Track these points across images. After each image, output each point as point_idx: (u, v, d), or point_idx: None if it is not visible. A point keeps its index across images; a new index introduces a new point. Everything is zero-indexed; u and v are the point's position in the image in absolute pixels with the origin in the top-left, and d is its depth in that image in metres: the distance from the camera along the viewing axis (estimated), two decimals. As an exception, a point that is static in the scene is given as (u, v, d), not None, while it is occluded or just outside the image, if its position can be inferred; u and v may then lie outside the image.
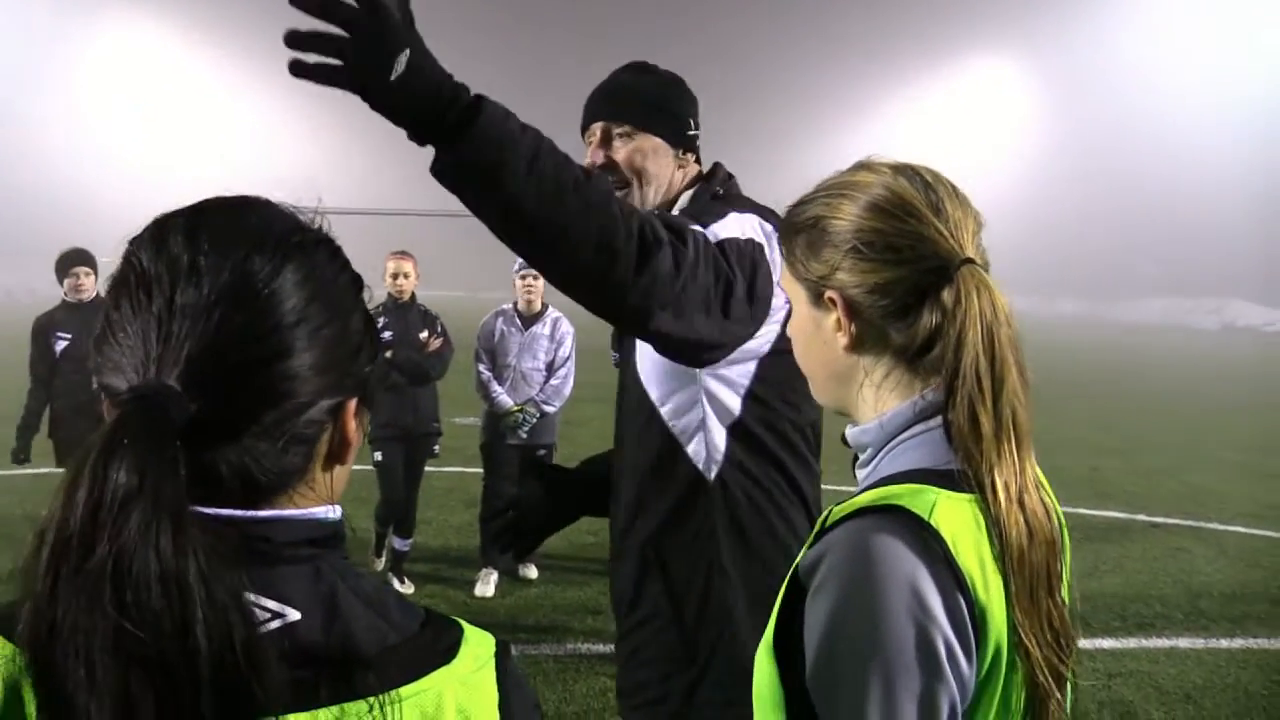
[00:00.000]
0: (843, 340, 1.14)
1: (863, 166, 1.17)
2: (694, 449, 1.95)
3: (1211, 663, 5.27)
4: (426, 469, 6.43)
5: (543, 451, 6.32)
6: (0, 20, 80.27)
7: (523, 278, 6.26)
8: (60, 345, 5.89)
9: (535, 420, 6.15)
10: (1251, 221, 63.73)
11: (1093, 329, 46.49)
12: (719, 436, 1.94)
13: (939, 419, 1.09)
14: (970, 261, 1.08)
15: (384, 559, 6.34)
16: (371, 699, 0.75)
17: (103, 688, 0.63)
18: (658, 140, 2.11)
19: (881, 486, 1.07)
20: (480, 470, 6.42)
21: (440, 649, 0.81)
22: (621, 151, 2.09)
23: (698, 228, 1.75)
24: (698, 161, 2.19)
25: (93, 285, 6.00)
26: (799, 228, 1.19)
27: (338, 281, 0.82)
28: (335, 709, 0.74)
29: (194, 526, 0.68)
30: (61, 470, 3.43)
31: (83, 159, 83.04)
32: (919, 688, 0.96)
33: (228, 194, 0.83)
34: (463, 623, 0.85)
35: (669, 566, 1.99)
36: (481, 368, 6.23)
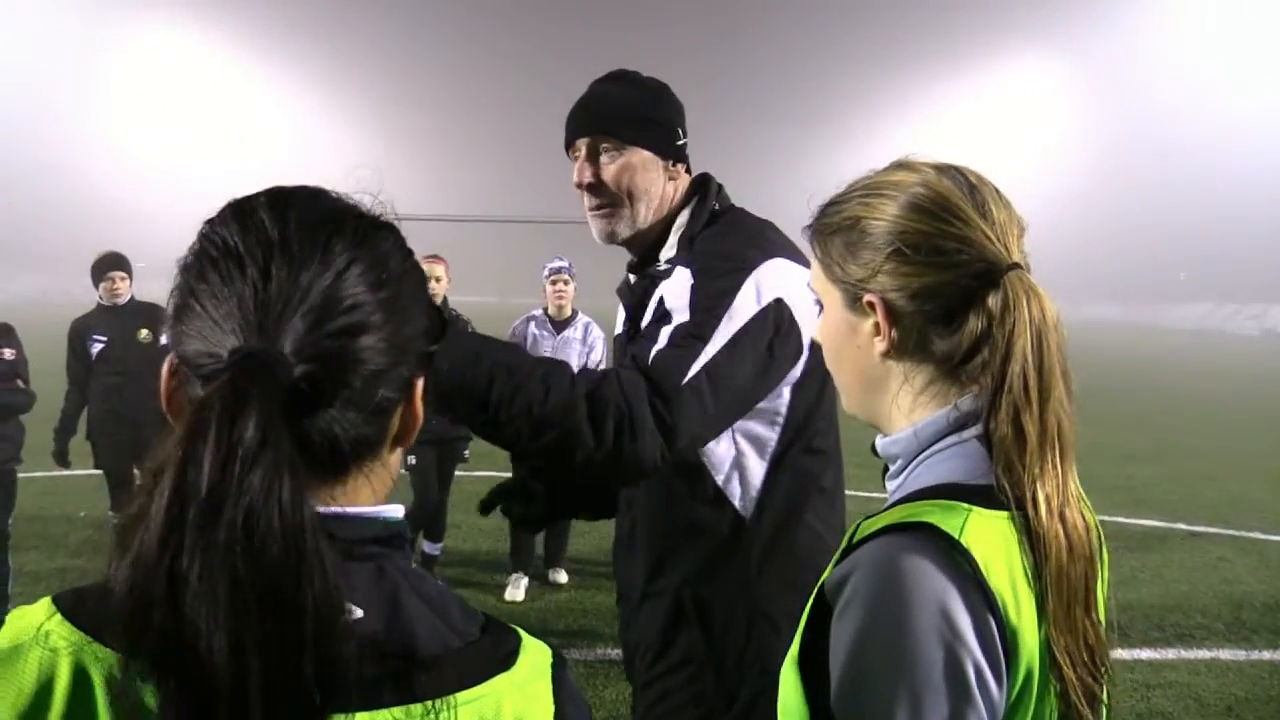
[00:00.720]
0: (880, 346, 1.11)
1: (901, 166, 1.13)
2: (731, 488, 1.90)
3: (1254, 674, 5.17)
4: (457, 474, 6.45)
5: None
6: (38, 30, 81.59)
7: (553, 282, 6.27)
8: (96, 348, 5.97)
9: None
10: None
11: (1130, 334, 45.91)
12: (757, 471, 1.89)
13: (973, 430, 1.06)
14: (1017, 266, 1.05)
15: (415, 564, 6.35)
16: (430, 702, 0.75)
17: (225, 646, 0.64)
18: (645, 154, 2.03)
19: (912, 502, 1.04)
20: (510, 474, 6.41)
21: (500, 655, 0.81)
22: (610, 169, 2.01)
23: (693, 367, 1.71)
24: (688, 171, 2.12)
25: (128, 289, 6.07)
26: (835, 228, 1.15)
27: (405, 263, 0.85)
28: (399, 710, 0.74)
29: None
30: (98, 471, 3.46)
31: (118, 167, 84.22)
32: (947, 711, 0.94)
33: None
34: (521, 631, 0.86)
35: (708, 611, 1.92)
36: (511, 371, 6.22)
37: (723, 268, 1.86)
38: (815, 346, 1.66)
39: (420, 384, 0.85)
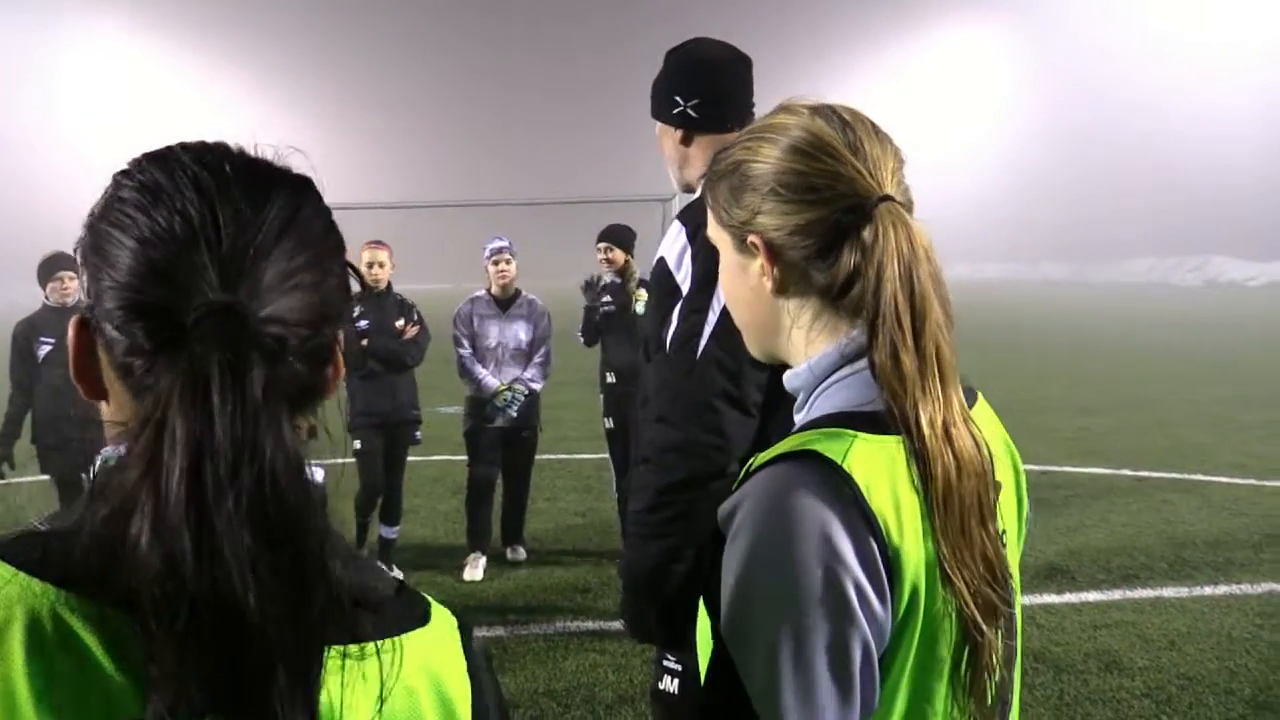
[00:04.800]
0: (768, 285, 1.14)
1: (782, 109, 1.16)
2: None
3: (1195, 610, 5.32)
4: (414, 458, 6.43)
5: (528, 433, 6.35)
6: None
7: (495, 262, 6.26)
8: (44, 350, 5.83)
9: (524, 399, 6.17)
10: (1236, 175, 63.77)
11: (1079, 290, 46.62)
12: None
13: (864, 360, 1.09)
14: (889, 199, 1.08)
15: (366, 549, 6.35)
16: (379, 642, 0.76)
17: (256, 594, 0.65)
18: (660, 124, 2.29)
19: (803, 431, 1.07)
20: (465, 457, 6.43)
21: (416, 613, 0.83)
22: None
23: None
24: (714, 130, 2.20)
25: (76, 289, 5.95)
26: (721, 174, 1.18)
27: (327, 218, 0.84)
28: (354, 647, 0.75)
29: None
30: (45, 477, 3.36)
31: (60, 171, 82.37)
32: (830, 630, 0.97)
33: None
34: (428, 596, 0.87)
35: None
36: (462, 351, 6.23)
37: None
38: None
39: (340, 340, 0.85)
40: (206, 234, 0.73)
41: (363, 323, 5.98)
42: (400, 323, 6.05)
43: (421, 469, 8.43)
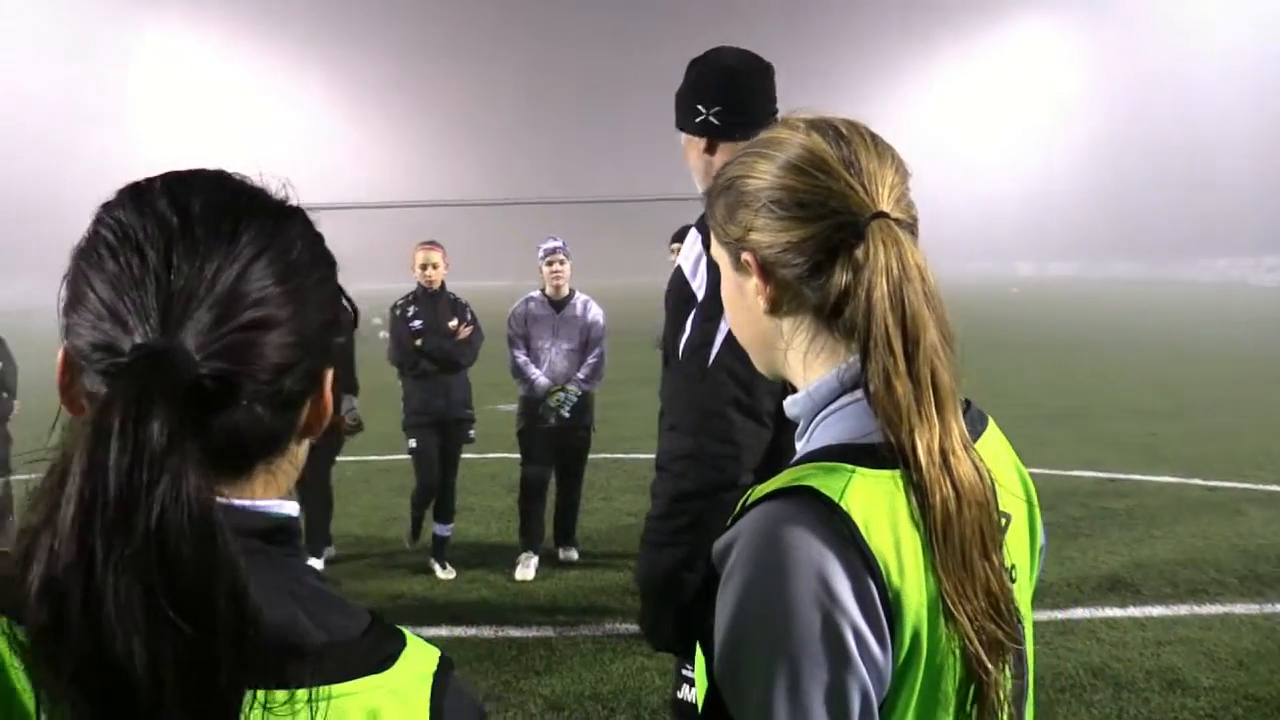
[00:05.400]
0: (762, 304, 1.11)
1: (780, 123, 1.13)
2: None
3: (1266, 628, 5.14)
4: (469, 456, 6.49)
5: (582, 433, 6.36)
6: (43, 34, 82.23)
7: (549, 263, 6.27)
8: None
9: (576, 400, 6.18)
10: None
11: (1149, 289, 45.47)
12: None
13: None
14: (883, 216, 1.03)
15: (418, 541, 6.42)
16: (293, 691, 0.72)
17: (145, 657, 0.63)
18: (684, 135, 2.30)
19: (799, 465, 1.03)
20: (520, 456, 6.46)
21: (376, 658, 0.79)
22: None
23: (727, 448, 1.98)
24: (735, 138, 2.19)
25: None
26: (718, 191, 1.15)
27: (314, 249, 0.83)
28: (262, 693, 0.72)
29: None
30: None
31: (120, 168, 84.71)
32: (827, 677, 0.93)
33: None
34: (410, 636, 0.83)
35: None
36: (517, 352, 6.26)
37: None
38: None
39: (329, 375, 0.84)
40: (158, 274, 0.73)
41: (416, 322, 6.05)
42: (454, 323, 6.10)
43: (477, 466, 8.49)
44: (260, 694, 0.71)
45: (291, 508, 0.83)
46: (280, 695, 0.72)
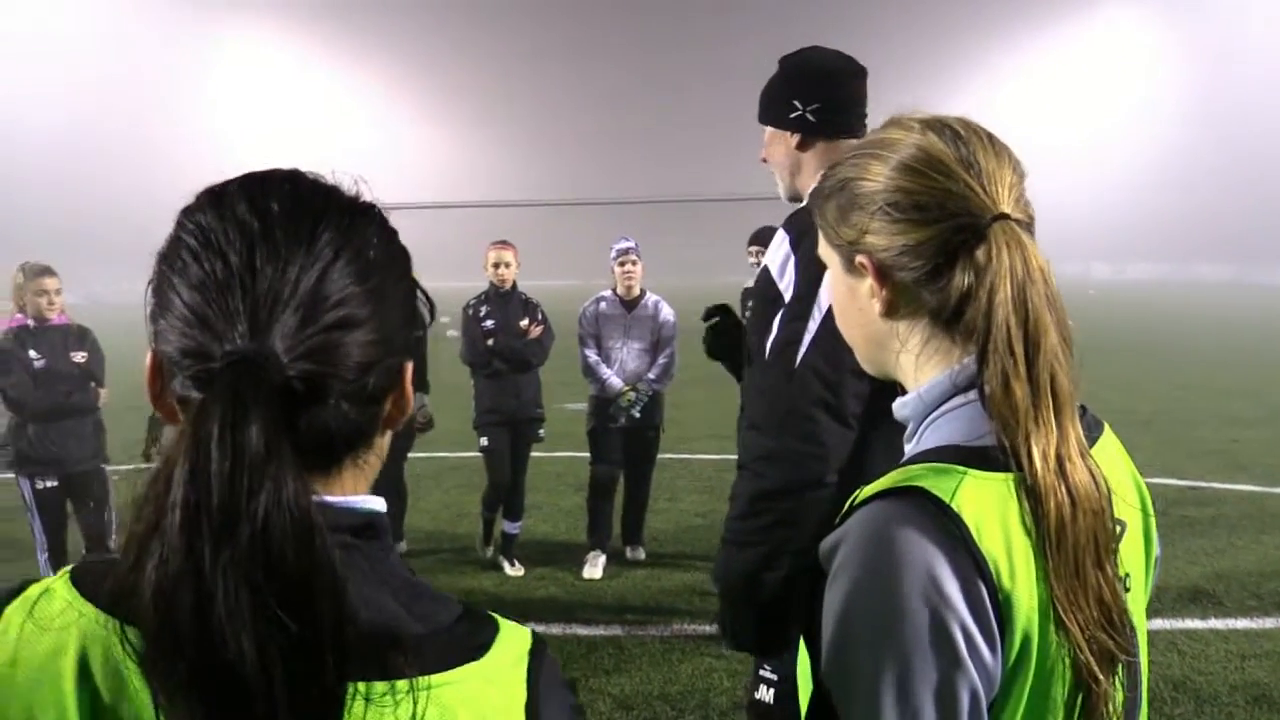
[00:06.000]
0: (877, 306, 1.10)
1: (893, 123, 1.12)
2: None
3: (1358, 644, 4.96)
4: (538, 454, 6.55)
5: (652, 433, 6.38)
6: (135, 30, 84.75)
7: (620, 263, 6.30)
8: None
9: (647, 400, 6.20)
10: None
11: (1234, 293, 44.03)
12: None
13: (977, 389, 1.04)
14: (1004, 217, 1.02)
15: (492, 545, 6.49)
16: (393, 683, 0.74)
17: (255, 656, 0.65)
18: (770, 129, 2.29)
19: (911, 465, 1.03)
20: (589, 455, 6.50)
21: (471, 645, 0.80)
22: (765, 146, 2.33)
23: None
24: (831, 136, 2.22)
25: None
26: (829, 192, 1.15)
27: (390, 247, 0.84)
28: (362, 685, 0.73)
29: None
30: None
31: (218, 162, 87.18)
32: (936, 677, 0.92)
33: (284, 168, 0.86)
34: (501, 620, 0.85)
35: None
36: (588, 352, 6.30)
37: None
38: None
39: (409, 369, 0.85)
40: (243, 278, 0.75)
41: (489, 322, 6.12)
42: (525, 322, 6.17)
43: (546, 465, 8.55)
44: (362, 686, 0.73)
45: (379, 503, 0.84)
46: (380, 686, 0.73)
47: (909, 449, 1.12)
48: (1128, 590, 1.06)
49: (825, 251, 1.18)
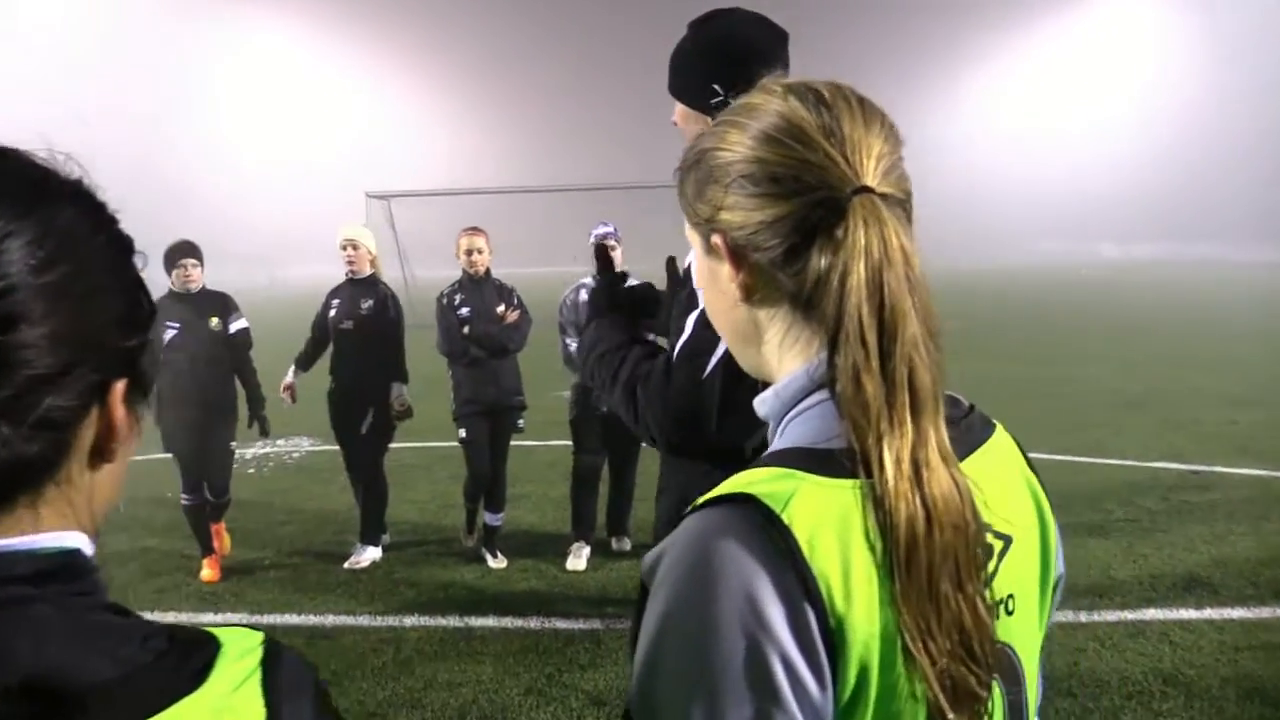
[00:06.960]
0: (735, 291, 0.98)
1: (758, 89, 0.99)
2: None
3: (1357, 633, 4.83)
4: (530, 443, 6.43)
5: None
6: (145, 28, 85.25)
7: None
8: (169, 335, 6.09)
9: None
10: None
11: (1236, 273, 43.72)
12: None
13: None
14: (866, 190, 0.90)
15: (476, 535, 6.39)
16: None
17: None
18: (682, 107, 2.12)
19: (756, 468, 0.90)
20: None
21: (185, 675, 0.67)
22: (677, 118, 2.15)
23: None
24: None
25: (200, 277, 6.18)
26: (689, 164, 1.02)
27: (92, 240, 0.71)
28: None
29: None
30: (169, 455, 3.46)
31: (216, 161, 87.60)
32: (750, 713, 0.80)
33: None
34: (221, 635, 0.71)
35: None
36: (569, 340, 6.17)
37: None
38: None
39: (120, 387, 0.71)
40: None
41: (464, 310, 6.01)
42: (501, 308, 6.05)
43: (536, 454, 8.45)
44: None
45: (73, 539, 0.70)
46: None
47: (766, 453, 0.99)
48: (1010, 613, 0.94)
49: (688, 232, 1.06)
